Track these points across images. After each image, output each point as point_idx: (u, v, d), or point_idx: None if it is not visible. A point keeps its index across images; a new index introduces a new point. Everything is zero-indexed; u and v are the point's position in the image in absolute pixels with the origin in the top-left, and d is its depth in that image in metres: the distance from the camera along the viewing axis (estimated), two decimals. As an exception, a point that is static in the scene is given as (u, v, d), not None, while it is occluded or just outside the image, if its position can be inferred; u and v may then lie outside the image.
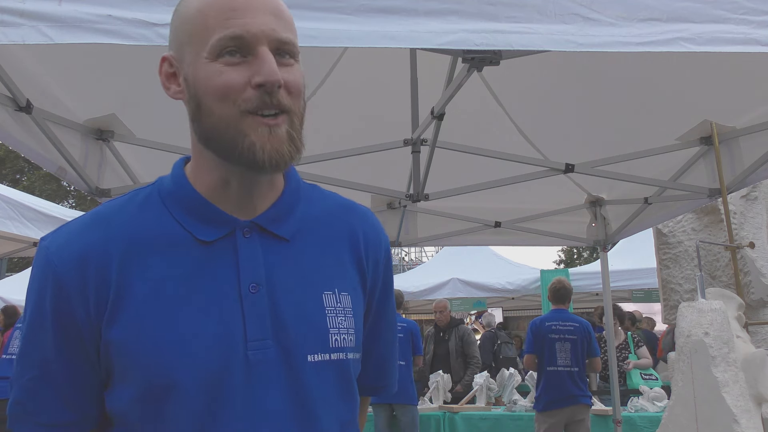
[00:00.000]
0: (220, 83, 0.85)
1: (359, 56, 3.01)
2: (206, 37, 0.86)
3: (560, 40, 1.61)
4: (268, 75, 0.84)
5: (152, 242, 0.89)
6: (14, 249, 6.33)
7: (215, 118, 0.86)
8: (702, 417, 2.22)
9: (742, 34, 1.64)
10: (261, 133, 0.85)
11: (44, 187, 20.60)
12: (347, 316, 0.95)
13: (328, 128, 3.48)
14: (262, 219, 0.93)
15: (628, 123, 3.36)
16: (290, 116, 0.88)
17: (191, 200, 0.92)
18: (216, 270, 0.88)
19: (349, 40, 1.57)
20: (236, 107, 0.84)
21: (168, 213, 0.91)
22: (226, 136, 0.86)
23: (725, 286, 4.13)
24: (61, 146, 2.76)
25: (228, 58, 0.85)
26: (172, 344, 0.84)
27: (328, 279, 0.95)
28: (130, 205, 0.92)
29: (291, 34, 0.89)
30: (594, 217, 4.66)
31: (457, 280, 9.96)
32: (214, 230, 0.90)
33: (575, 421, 4.90)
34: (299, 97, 0.90)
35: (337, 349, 0.92)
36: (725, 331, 2.30)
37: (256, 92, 0.84)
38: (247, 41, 0.85)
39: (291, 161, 0.88)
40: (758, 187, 4.26)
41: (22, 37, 1.41)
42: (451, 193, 3.69)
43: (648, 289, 9.25)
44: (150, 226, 0.90)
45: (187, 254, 0.88)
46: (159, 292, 0.86)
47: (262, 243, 0.92)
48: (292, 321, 0.90)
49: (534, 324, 5.18)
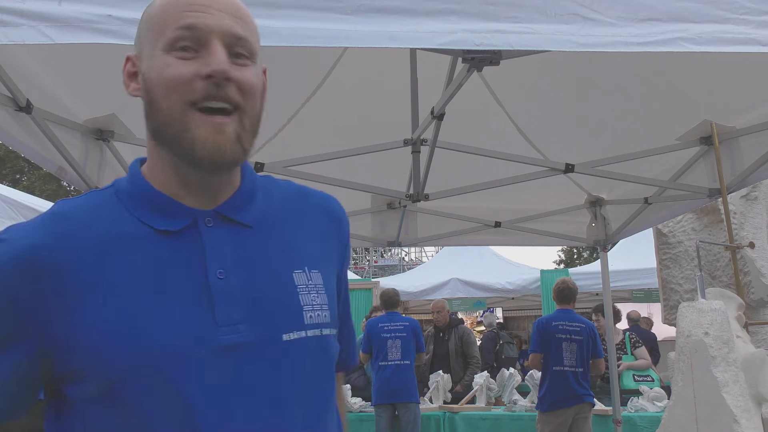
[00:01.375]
0: (168, 75, 0.85)
1: (359, 56, 3.01)
2: (162, 30, 0.86)
3: (560, 40, 1.61)
4: (216, 65, 0.84)
5: (112, 238, 0.86)
6: (14, 249, 6.33)
7: (163, 113, 0.86)
8: (702, 417, 2.22)
9: (742, 34, 1.64)
10: (204, 129, 0.84)
11: (44, 187, 20.60)
12: (319, 292, 0.95)
13: (328, 128, 3.48)
14: (223, 208, 0.92)
15: (628, 123, 3.36)
16: (240, 115, 0.87)
17: (149, 196, 0.90)
18: (181, 260, 0.87)
19: (349, 40, 1.57)
20: (182, 99, 0.84)
21: (126, 211, 0.89)
22: (171, 130, 0.85)
23: (725, 286, 4.13)
24: (61, 146, 2.76)
25: (181, 52, 0.85)
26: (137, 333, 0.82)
27: (296, 258, 0.95)
28: (87, 204, 0.91)
29: (249, 33, 0.89)
30: (594, 217, 4.65)
31: (457, 280, 9.96)
32: (175, 221, 0.89)
33: (578, 419, 4.90)
34: (253, 98, 0.89)
35: (313, 326, 0.92)
36: (725, 331, 2.30)
37: (204, 83, 0.84)
38: (199, 32, 0.85)
39: (234, 162, 0.88)
40: (758, 187, 4.26)
41: (22, 37, 1.41)
42: (451, 193, 3.69)
43: (648, 289, 9.25)
44: (108, 224, 0.88)
45: (148, 247, 0.86)
46: (121, 286, 0.84)
47: (226, 231, 0.91)
48: (264, 302, 0.89)
49: (540, 323, 5.17)
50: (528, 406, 5.71)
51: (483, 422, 5.70)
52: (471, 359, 7.09)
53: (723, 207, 3.27)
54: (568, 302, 5.21)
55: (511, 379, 5.91)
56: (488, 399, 6.09)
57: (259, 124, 0.92)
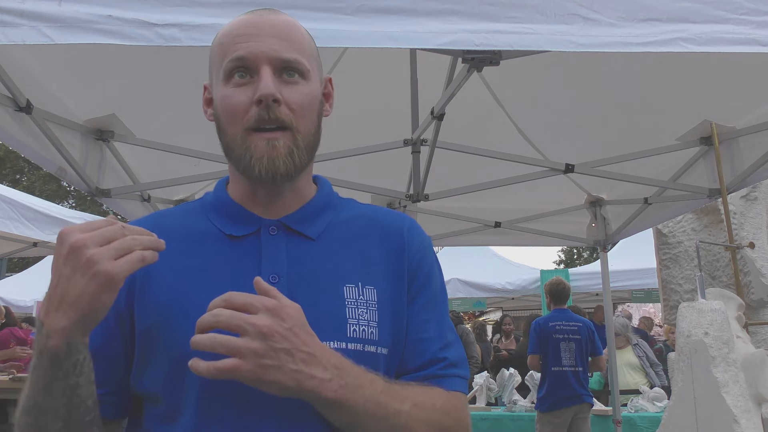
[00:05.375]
0: (228, 106, 0.96)
1: (359, 56, 3.01)
2: (221, 62, 0.97)
3: (560, 40, 1.61)
4: (262, 89, 0.92)
5: (184, 236, 0.98)
6: (14, 249, 6.33)
7: (228, 137, 0.97)
8: (702, 417, 2.22)
9: (742, 34, 1.64)
10: (260, 146, 0.94)
11: (44, 187, 20.60)
12: (369, 308, 0.96)
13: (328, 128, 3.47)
14: (289, 219, 1.00)
15: (628, 123, 3.36)
16: (293, 133, 0.95)
17: (224, 205, 1.03)
18: (240, 262, 0.96)
19: (349, 41, 1.57)
20: (241, 126, 0.95)
21: (205, 217, 1.02)
22: (236, 152, 0.96)
23: (725, 286, 4.13)
24: (61, 146, 2.76)
25: (237, 79, 0.95)
26: (192, 324, 0.85)
27: (352, 273, 0.98)
28: (180, 211, 1.07)
29: (298, 54, 0.97)
30: (594, 217, 4.66)
31: (457, 280, 9.96)
32: (241, 227, 0.99)
33: (578, 419, 4.90)
34: (304, 116, 0.97)
35: (354, 339, 0.93)
36: (725, 331, 2.30)
37: (257, 108, 0.93)
38: (249, 61, 0.94)
39: (287, 175, 0.95)
40: (758, 187, 4.25)
41: (22, 37, 1.41)
42: (451, 193, 3.69)
43: (648, 289, 9.26)
44: (187, 226, 1.01)
45: (215, 247, 0.97)
46: (186, 278, 0.94)
47: (287, 240, 0.99)
48: (310, 309, 0.90)
49: (537, 324, 5.17)
50: (528, 406, 5.72)
51: (483, 422, 5.70)
52: (470, 359, 7.10)
53: (723, 207, 3.27)
54: (563, 301, 5.23)
55: (511, 379, 5.91)
56: (488, 399, 6.09)
57: (316, 139, 1.00)
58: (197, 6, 1.52)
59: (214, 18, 1.50)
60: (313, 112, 0.99)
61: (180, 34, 1.49)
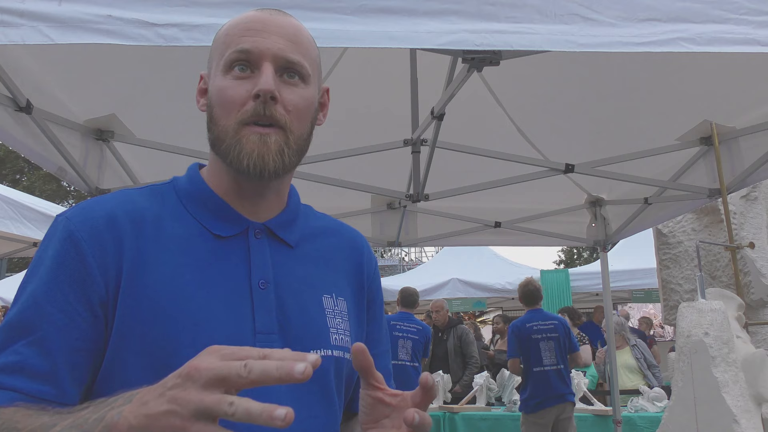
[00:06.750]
0: (225, 96, 0.93)
1: (359, 56, 3.01)
2: (224, 52, 0.95)
3: (560, 40, 1.61)
4: (262, 84, 0.91)
5: (170, 229, 0.94)
6: (14, 249, 6.32)
7: (220, 128, 0.94)
8: (702, 417, 2.21)
9: (742, 34, 1.64)
10: (251, 140, 0.92)
11: (44, 187, 20.60)
12: (343, 318, 1.01)
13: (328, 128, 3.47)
14: (272, 224, 1.00)
15: (628, 123, 3.36)
16: (285, 133, 0.94)
17: (208, 199, 0.98)
18: (229, 263, 0.94)
19: (349, 41, 1.57)
20: (235, 119, 0.92)
21: (184, 209, 0.97)
22: (225, 143, 0.93)
23: (725, 286, 4.13)
24: (61, 146, 2.76)
25: (237, 72, 0.94)
26: (185, 324, 0.87)
27: (327, 284, 1.02)
28: (148, 192, 0.99)
29: (302, 57, 0.96)
30: (594, 217, 4.66)
31: (457, 280, 9.96)
32: (228, 227, 0.97)
33: (561, 420, 4.92)
34: (299, 118, 0.96)
35: (337, 347, 0.98)
36: (725, 331, 2.30)
37: (253, 103, 0.92)
38: (253, 55, 0.93)
39: (275, 172, 0.93)
40: (758, 187, 4.25)
41: (22, 37, 1.41)
42: (451, 193, 3.69)
43: (648, 289, 9.25)
44: (168, 216, 0.95)
45: (202, 245, 0.94)
46: (175, 275, 0.90)
47: (270, 245, 0.98)
48: (296, 318, 0.95)
49: (515, 327, 5.21)
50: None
51: (483, 422, 5.71)
52: (470, 359, 7.08)
53: (723, 207, 3.26)
54: (537, 302, 5.26)
55: (511, 379, 5.91)
56: (488, 399, 6.09)
57: (306, 143, 0.99)
58: (197, 6, 1.52)
59: (214, 18, 1.50)
60: (308, 117, 0.98)
61: (180, 34, 1.50)
